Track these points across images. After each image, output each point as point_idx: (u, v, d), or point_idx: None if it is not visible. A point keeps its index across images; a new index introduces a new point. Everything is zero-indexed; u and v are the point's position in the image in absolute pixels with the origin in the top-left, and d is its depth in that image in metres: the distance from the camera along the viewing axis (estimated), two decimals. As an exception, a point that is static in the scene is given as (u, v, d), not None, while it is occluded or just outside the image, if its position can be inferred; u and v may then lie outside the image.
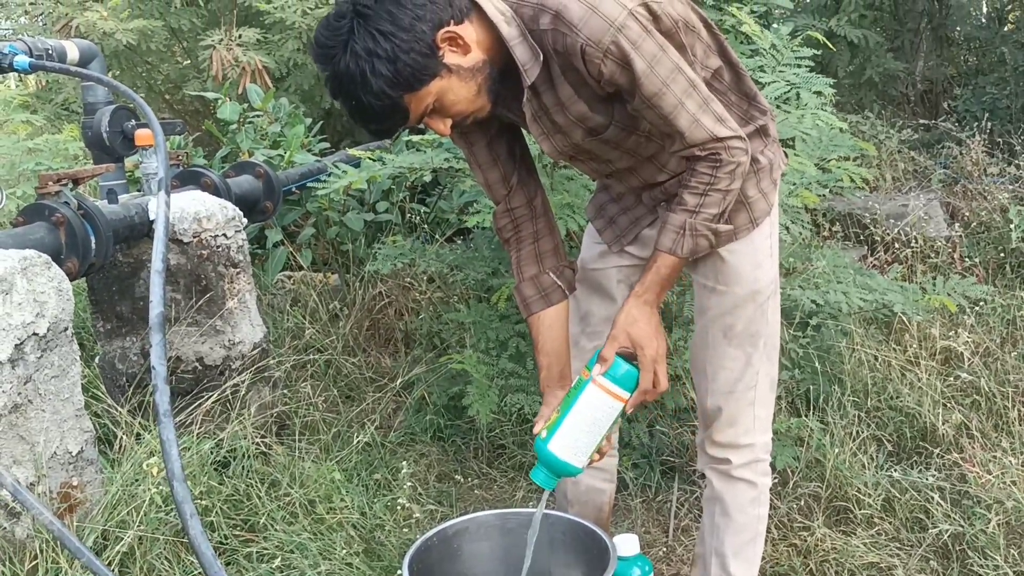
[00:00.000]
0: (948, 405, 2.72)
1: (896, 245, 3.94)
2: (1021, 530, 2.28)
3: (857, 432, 2.63)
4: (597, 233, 1.93)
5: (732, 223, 1.75)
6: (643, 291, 1.62)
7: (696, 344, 1.90)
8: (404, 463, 2.53)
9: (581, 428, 1.59)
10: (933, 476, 2.45)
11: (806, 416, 2.67)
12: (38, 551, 1.98)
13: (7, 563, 1.95)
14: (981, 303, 3.29)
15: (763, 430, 1.90)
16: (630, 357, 1.61)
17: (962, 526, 2.30)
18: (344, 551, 2.12)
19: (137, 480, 2.20)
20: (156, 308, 1.52)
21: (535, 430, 1.67)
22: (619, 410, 1.61)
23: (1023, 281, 3.71)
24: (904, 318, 2.91)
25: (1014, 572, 2.18)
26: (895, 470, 2.49)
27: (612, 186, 1.89)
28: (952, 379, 2.84)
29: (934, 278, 2.91)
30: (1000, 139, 4.81)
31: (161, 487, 2.17)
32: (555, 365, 1.78)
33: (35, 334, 2.06)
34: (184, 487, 1.40)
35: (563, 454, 1.60)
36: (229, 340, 2.69)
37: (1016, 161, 4.51)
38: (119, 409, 2.38)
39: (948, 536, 2.29)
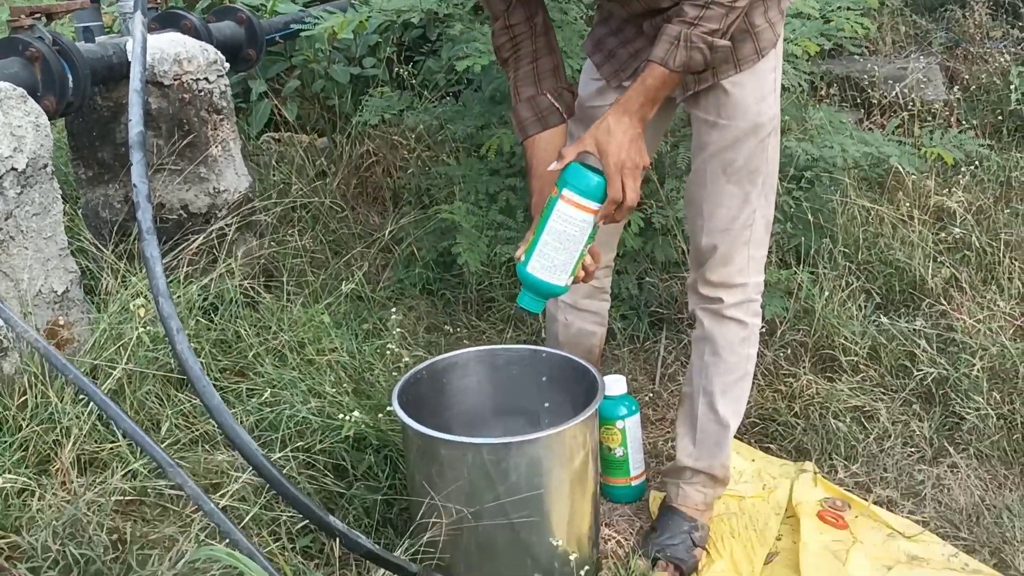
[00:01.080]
0: (939, 259, 2.71)
1: (893, 108, 3.87)
2: (1004, 374, 2.31)
3: (847, 283, 2.63)
4: (595, 68, 1.88)
5: (737, 54, 1.70)
6: (624, 101, 1.58)
7: (693, 182, 1.86)
8: (394, 310, 2.53)
9: (555, 246, 1.58)
10: (920, 324, 2.47)
11: (796, 269, 2.66)
12: (27, 386, 1.97)
13: (-4, 397, 1.95)
14: (975, 164, 3.25)
15: (756, 271, 1.90)
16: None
17: (946, 370, 2.32)
18: (334, 389, 2.13)
19: (124, 321, 2.19)
20: (136, 127, 1.48)
21: (516, 255, 1.65)
22: (591, 223, 1.59)
23: (1019, 143, 3.66)
24: (900, 171, 2.88)
25: (996, 413, 2.21)
26: (883, 319, 2.50)
27: (613, 13, 1.82)
28: (944, 235, 2.83)
29: (931, 132, 2.86)
30: (1004, 0, 4.67)
31: (149, 327, 2.16)
32: (547, 190, 1.75)
33: (14, 169, 2.01)
34: (169, 303, 1.38)
35: (543, 274, 1.59)
36: (214, 188, 2.65)
37: (1020, 23, 4.40)
38: (104, 251, 2.35)
39: (932, 380, 2.32)
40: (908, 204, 2.93)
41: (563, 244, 1.58)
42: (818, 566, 1.90)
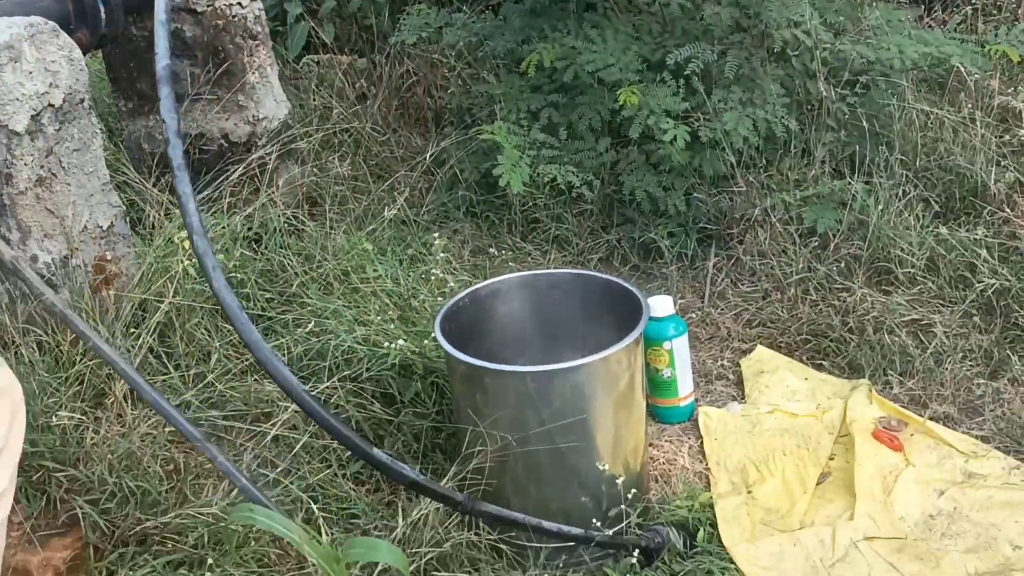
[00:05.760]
0: (1002, 163, 2.59)
1: (956, 3, 3.66)
2: (1070, 283, 2.23)
3: (903, 192, 2.53)
4: None
5: None
6: None
7: None
8: (437, 235, 2.50)
9: None
10: (982, 232, 2.37)
11: (850, 179, 2.56)
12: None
13: (49, 334, 1.98)
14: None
15: None
16: None
17: (1008, 280, 2.24)
18: (379, 317, 2.13)
19: (170, 254, 2.21)
20: (162, 60, 1.45)
21: None
22: None
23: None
24: (962, 71, 2.74)
25: (1060, 324, 2.14)
26: (942, 228, 2.41)
27: None
28: (1008, 137, 2.70)
29: (996, 28, 2.71)
30: None
31: (194, 260, 2.17)
32: None
33: (51, 105, 2.01)
34: (204, 241, 1.37)
35: None
36: (253, 116, 2.62)
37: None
38: (147, 185, 2.35)
39: (993, 291, 2.24)
40: (970, 106, 2.79)
41: None
42: (872, 490, 1.87)
